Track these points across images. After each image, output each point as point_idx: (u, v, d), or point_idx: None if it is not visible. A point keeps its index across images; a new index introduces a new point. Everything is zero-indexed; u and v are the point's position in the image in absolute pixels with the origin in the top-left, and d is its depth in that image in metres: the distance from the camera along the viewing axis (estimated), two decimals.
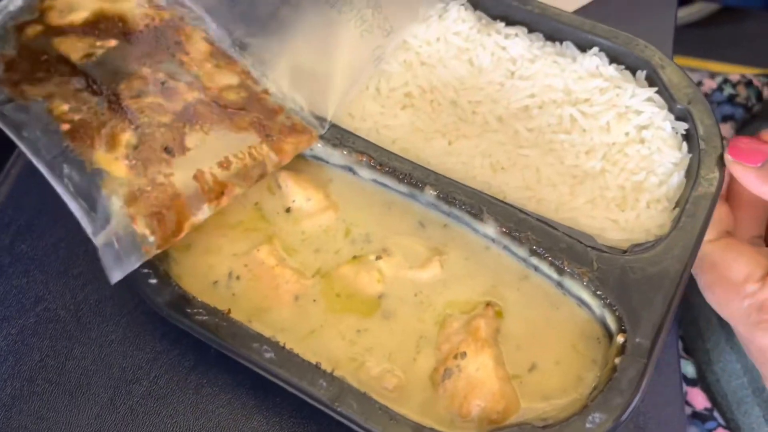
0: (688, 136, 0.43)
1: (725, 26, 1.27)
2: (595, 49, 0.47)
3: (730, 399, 0.50)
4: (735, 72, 0.71)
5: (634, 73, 0.47)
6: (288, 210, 0.42)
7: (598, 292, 0.37)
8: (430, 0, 0.49)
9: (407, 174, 0.41)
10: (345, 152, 0.42)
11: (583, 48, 0.48)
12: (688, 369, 0.53)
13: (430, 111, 0.46)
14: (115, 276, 0.35)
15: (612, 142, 0.44)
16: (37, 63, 0.42)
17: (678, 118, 0.44)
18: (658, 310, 0.36)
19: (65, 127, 0.39)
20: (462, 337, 0.37)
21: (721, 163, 0.41)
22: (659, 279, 0.37)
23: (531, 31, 0.49)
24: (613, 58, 0.47)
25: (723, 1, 1.27)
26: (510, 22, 0.49)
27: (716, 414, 0.51)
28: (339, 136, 0.43)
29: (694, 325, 0.54)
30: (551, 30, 0.48)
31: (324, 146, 0.43)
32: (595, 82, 0.46)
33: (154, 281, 0.38)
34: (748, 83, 0.70)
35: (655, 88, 0.45)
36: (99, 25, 0.44)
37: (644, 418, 0.42)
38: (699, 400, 0.52)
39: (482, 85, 0.47)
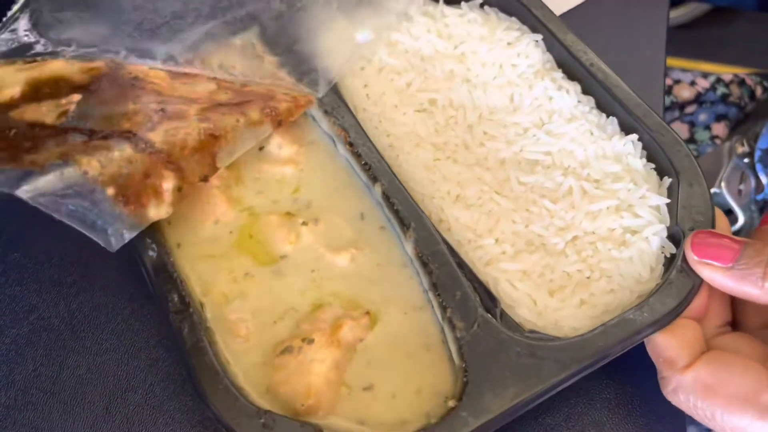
0: (670, 262, 0.39)
1: (717, 27, 1.26)
2: (635, 137, 0.43)
3: None
4: (728, 72, 0.70)
5: (661, 176, 0.42)
6: (261, 149, 0.44)
7: (462, 352, 0.35)
8: None
9: (368, 164, 0.41)
10: (331, 122, 0.43)
11: (627, 130, 0.44)
12: None
13: (442, 125, 0.45)
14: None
15: (592, 231, 0.40)
16: (11, 139, 0.38)
17: (670, 238, 0.39)
18: (502, 402, 0.33)
19: (110, 191, 0.37)
20: (323, 327, 0.37)
21: (684, 300, 0.36)
22: (527, 374, 0.34)
23: (585, 92, 0.46)
24: (649, 153, 0.43)
25: (714, 1, 1.22)
26: (570, 76, 0.46)
27: None
28: (334, 106, 0.44)
29: None
30: (604, 100, 0.45)
31: (317, 110, 0.44)
32: (615, 168, 0.42)
33: None
34: (741, 82, 0.69)
35: (668, 201, 0.40)
36: (42, 90, 0.41)
37: (645, 420, 0.40)
38: None
39: (508, 123, 0.45)
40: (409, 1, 0.48)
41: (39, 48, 0.43)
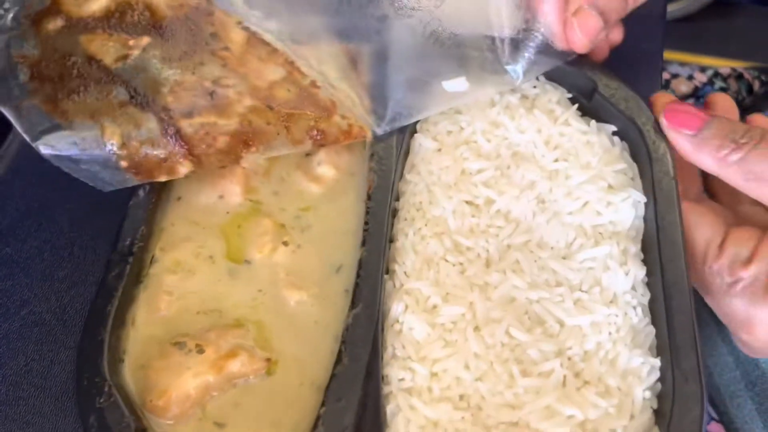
0: None
1: (715, 20, 1.27)
2: (656, 365, 0.35)
3: (723, 392, 0.49)
4: (725, 66, 0.72)
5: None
6: (307, 154, 0.43)
7: None
8: None
9: (368, 224, 0.39)
10: (370, 166, 0.41)
11: (659, 349, 0.36)
12: None
13: (480, 229, 0.40)
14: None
15: (526, 424, 0.34)
16: (66, 67, 0.38)
17: None
18: None
19: (124, 164, 0.38)
20: (222, 346, 0.36)
21: None
22: None
23: (649, 283, 0.38)
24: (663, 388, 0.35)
25: None
26: (645, 256, 0.39)
27: (709, 408, 0.48)
28: (384, 154, 0.41)
29: None
30: (657, 305, 0.37)
31: (368, 150, 0.42)
32: (612, 382, 0.35)
33: None
34: (739, 76, 0.73)
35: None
36: (125, 16, 0.40)
37: None
38: None
39: (547, 267, 0.39)
40: (522, 77, 0.42)
41: None
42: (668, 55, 0.51)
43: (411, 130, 0.44)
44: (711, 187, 0.45)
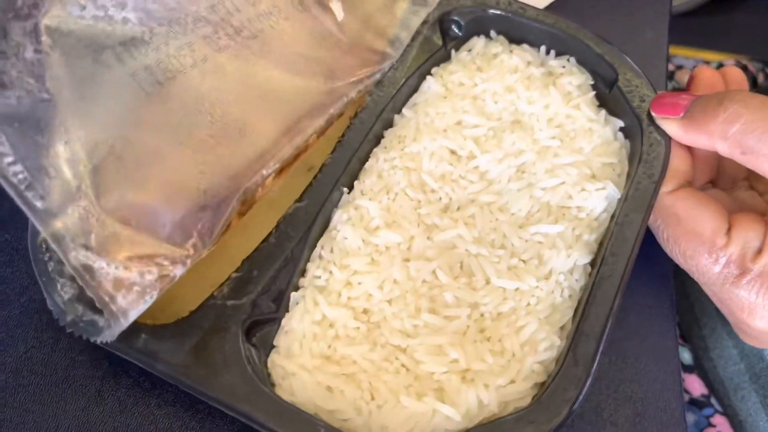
0: None
1: (719, 15, 1.31)
2: None
3: (727, 385, 0.50)
4: (730, 59, 0.71)
5: None
6: None
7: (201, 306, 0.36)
8: None
9: (343, 136, 0.41)
10: (370, 90, 0.43)
11: None
12: (685, 356, 0.53)
13: (452, 177, 0.41)
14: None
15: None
16: None
17: None
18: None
19: None
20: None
21: None
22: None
23: (594, 265, 0.38)
24: None
25: None
26: (599, 250, 0.38)
27: (713, 400, 0.51)
28: (386, 82, 0.43)
29: (689, 312, 0.54)
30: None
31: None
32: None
33: None
34: (743, 69, 0.71)
35: None
36: None
37: (642, 405, 0.40)
38: (696, 386, 0.51)
39: (499, 228, 0.39)
40: None
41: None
42: (672, 50, 0.50)
43: (424, 72, 0.45)
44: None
